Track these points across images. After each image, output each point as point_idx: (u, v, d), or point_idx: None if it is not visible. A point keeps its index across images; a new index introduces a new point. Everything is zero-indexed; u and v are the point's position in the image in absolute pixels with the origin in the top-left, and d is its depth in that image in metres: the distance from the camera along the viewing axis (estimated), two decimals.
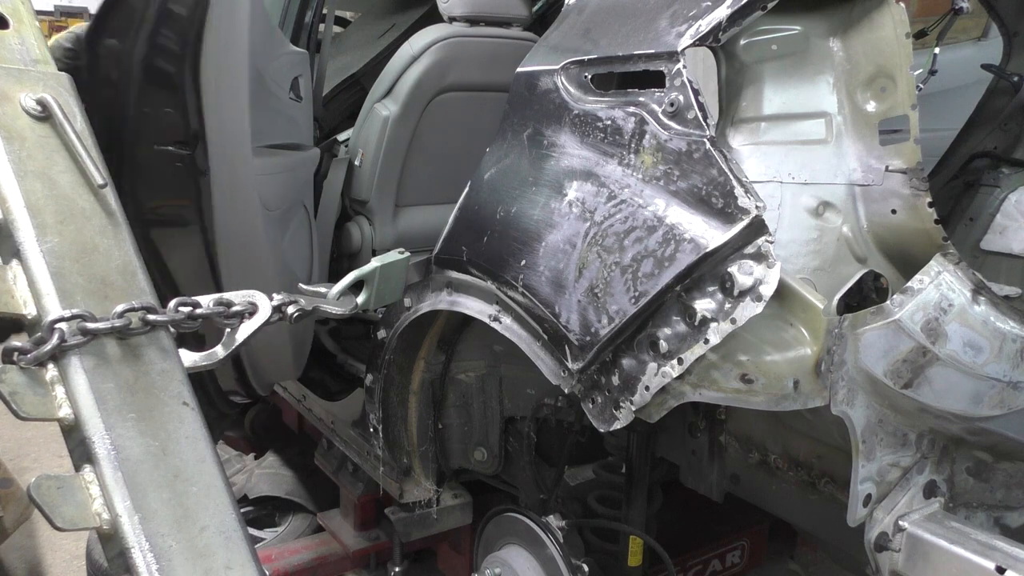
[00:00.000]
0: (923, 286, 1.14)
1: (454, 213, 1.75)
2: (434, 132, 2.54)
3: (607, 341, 1.32)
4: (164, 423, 1.07)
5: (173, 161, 1.97)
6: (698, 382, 1.24)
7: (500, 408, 2.10)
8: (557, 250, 1.43)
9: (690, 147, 1.25)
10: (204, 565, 0.97)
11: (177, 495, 1.01)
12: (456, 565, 2.65)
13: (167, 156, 1.97)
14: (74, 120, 1.28)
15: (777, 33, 1.48)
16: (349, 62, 3.77)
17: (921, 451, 1.27)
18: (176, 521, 0.99)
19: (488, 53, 2.51)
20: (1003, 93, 2.67)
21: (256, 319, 1.31)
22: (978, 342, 1.17)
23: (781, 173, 1.46)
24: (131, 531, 0.96)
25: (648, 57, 1.35)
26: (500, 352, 2.05)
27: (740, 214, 1.15)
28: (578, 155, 1.46)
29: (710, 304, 1.18)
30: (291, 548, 2.82)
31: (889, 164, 1.44)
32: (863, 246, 1.47)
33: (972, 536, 1.20)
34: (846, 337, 1.12)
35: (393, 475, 2.24)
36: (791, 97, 1.50)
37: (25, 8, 1.42)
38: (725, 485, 1.80)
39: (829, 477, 1.53)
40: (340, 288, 1.61)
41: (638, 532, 1.91)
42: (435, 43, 2.44)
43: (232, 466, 3.37)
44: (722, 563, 2.65)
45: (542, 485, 2.05)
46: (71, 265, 1.16)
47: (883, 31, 1.41)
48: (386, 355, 2.04)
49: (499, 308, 1.62)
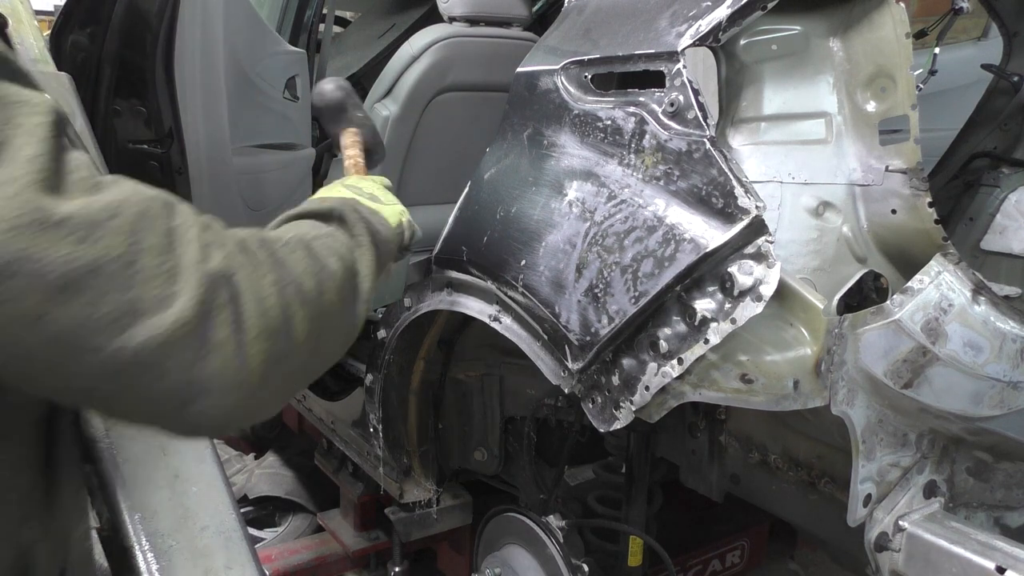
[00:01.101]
0: (923, 286, 1.14)
1: (454, 213, 1.75)
2: (434, 132, 2.53)
3: (607, 341, 1.32)
4: None
5: (147, 159, 1.96)
6: (698, 382, 1.24)
7: (500, 408, 2.10)
8: (557, 250, 1.43)
9: (690, 147, 1.25)
10: (204, 565, 0.97)
11: (177, 495, 1.01)
12: (456, 565, 2.65)
13: (141, 154, 1.96)
14: (74, 119, 1.28)
15: (777, 33, 1.48)
16: (349, 62, 3.77)
17: (921, 451, 1.27)
18: (176, 521, 0.99)
19: (488, 53, 2.50)
20: (1003, 93, 2.67)
21: None
22: (978, 342, 1.17)
23: (781, 173, 1.46)
24: (131, 531, 0.96)
25: (648, 57, 1.35)
26: (500, 352, 2.05)
27: (740, 214, 1.15)
28: (578, 155, 1.46)
29: (710, 304, 1.18)
30: (291, 548, 2.82)
31: (889, 164, 1.44)
32: (863, 246, 1.47)
33: (972, 536, 1.20)
34: (846, 337, 1.12)
35: (393, 475, 2.24)
36: (791, 97, 1.50)
37: (24, 8, 1.42)
38: (725, 485, 1.80)
39: (829, 477, 1.53)
40: None
41: (638, 532, 1.91)
42: (435, 43, 2.43)
43: (232, 466, 3.37)
44: (722, 563, 2.65)
45: (542, 485, 2.05)
46: None
47: (883, 31, 1.41)
48: (386, 355, 2.04)
49: (499, 308, 1.62)
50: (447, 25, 2.52)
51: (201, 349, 0.67)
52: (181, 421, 0.69)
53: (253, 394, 0.71)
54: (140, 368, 0.64)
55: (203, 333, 0.67)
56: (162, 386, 0.66)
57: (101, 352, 0.62)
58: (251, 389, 0.71)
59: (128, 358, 0.63)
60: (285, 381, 0.76)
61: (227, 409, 0.70)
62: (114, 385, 0.65)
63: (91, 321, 0.61)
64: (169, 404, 0.67)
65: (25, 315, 0.59)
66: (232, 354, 0.68)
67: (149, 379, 0.65)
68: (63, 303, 0.60)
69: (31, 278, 0.58)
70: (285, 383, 0.77)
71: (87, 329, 0.61)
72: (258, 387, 0.71)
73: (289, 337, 0.74)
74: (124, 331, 0.63)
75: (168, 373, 0.65)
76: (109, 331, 0.62)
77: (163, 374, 0.65)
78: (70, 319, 0.60)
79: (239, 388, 0.69)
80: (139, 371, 0.64)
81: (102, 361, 0.62)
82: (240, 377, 0.69)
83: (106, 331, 0.62)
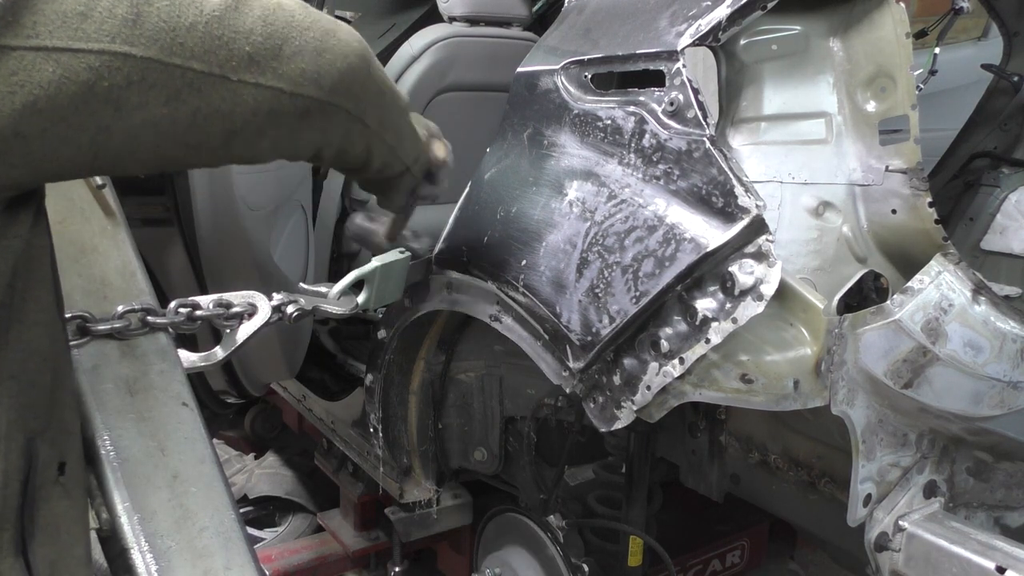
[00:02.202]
0: (923, 286, 1.14)
1: (454, 213, 1.75)
2: None
3: (608, 341, 1.32)
4: (163, 423, 1.07)
5: None
6: (699, 382, 1.24)
7: (500, 408, 2.09)
8: (558, 250, 1.43)
9: (690, 146, 1.25)
10: (203, 566, 0.97)
11: (176, 495, 1.01)
12: (456, 565, 2.65)
13: None
14: None
15: (777, 33, 1.48)
16: None
17: (921, 451, 1.27)
18: (175, 522, 0.99)
19: (488, 53, 2.50)
20: (1003, 93, 2.67)
21: (255, 320, 1.31)
22: (978, 342, 1.17)
23: (781, 173, 1.46)
24: (130, 531, 0.96)
25: (648, 56, 1.35)
26: (500, 352, 2.05)
27: (740, 213, 1.15)
28: (578, 155, 1.46)
29: (711, 304, 1.18)
30: (291, 548, 2.82)
31: (889, 164, 1.43)
32: (863, 246, 1.47)
33: (972, 536, 1.20)
34: (846, 337, 1.12)
35: (393, 475, 2.24)
36: (791, 97, 1.50)
37: None
38: (725, 485, 1.80)
39: (829, 477, 1.53)
40: (340, 288, 1.61)
41: (638, 532, 1.91)
42: (435, 43, 2.43)
43: (232, 466, 3.37)
44: (722, 563, 2.65)
45: (542, 485, 2.05)
46: (70, 265, 1.16)
47: (883, 31, 1.41)
48: (386, 355, 2.04)
49: (499, 308, 1.62)
50: (447, 25, 2.52)
51: (266, 6, 0.85)
52: (283, 70, 0.86)
53: (322, 39, 0.90)
54: (231, 31, 0.80)
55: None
56: (253, 41, 0.82)
57: (197, 27, 0.76)
58: (318, 34, 0.90)
59: (217, 24, 0.78)
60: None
61: (310, 50, 0.88)
62: (220, 55, 0.79)
63: (174, 6, 0.75)
64: (268, 55, 0.84)
65: (126, 20, 0.72)
66: (288, 11, 0.87)
67: (241, 41, 0.81)
68: (147, 2, 0.73)
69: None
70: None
71: (174, 14, 0.75)
72: (324, 34, 0.91)
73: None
74: (204, 4, 0.78)
75: (252, 31, 0.82)
76: (191, 9, 0.76)
77: (249, 32, 0.81)
78: (158, 11, 0.74)
79: (308, 30, 0.88)
80: (232, 35, 0.80)
81: (200, 35, 0.77)
82: (305, 23, 0.88)
83: (189, 9, 0.76)
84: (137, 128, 0.76)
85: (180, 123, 0.79)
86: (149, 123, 0.76)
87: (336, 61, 0.93)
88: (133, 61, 0.72)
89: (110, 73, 0.71)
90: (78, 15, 0.69)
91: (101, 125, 0.73)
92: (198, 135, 0.82)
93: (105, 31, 0.70)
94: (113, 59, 0.71)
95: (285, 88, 0.87)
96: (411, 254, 1.62)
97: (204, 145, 0.85)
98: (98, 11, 0.70)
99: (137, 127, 0.75)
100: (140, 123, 0.75)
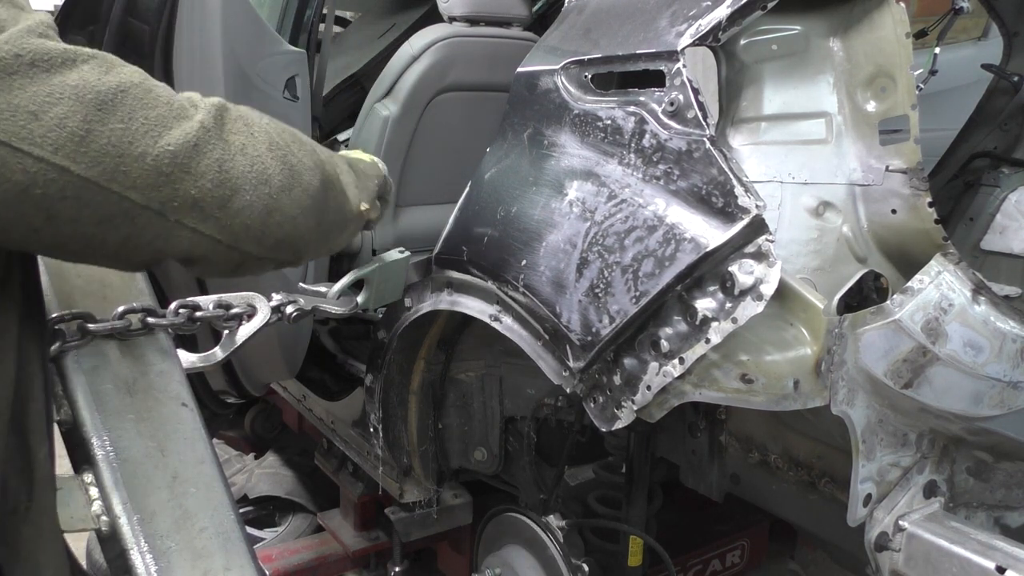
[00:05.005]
0: (923, 286, 1.14)
1: (454, 213, 1.75)
2: (434, 132, 2.53)
3: (608, 341, 1.32)
4: (163, 424, 1.07)
5: None
6: (699, 382, 1.24)
7: (500, 408, 2.09)
8: (558, 250, 1.43)
9: (690, 146, 1.25)
10: (203, 566, 0.97)
11: (176, 496, 1.01)
12: (456, 565, 2.65)
13: None
14: None
15: (777, 33, 1.48)
16: (349, 62, 3.77)
17: (921, 451, 1.27)
18: (175, 522, 0.99)
19: (488, 53, 2.50)
20: (1003, 93, 2.67)
21: (255, 321, 1.31)
22: (978, 342, 1.17)
23: (781, 173, 1.46)
24: (130, 532, 0.96)
25: (648, 56, 1.35)
26: (500, 352, 2.05)
27: (740, 213, 1.15)
28: (578, 155, 1.46)
29: (711, 303, 1.18)
30: (291, 548, 2.82)
31: (889, 164, 1.43)
32: (863, 246, 1.47)
33: (972, 536, 1.20)
34: (846, 337, 1.12)
35: (393, 475, 2.24)
36: (791, 97, 1.50)
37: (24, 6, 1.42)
38: (725, 485, 1.80)
39: (829, 477, 1.52)
40: (340, 287, 1.61)
41: (638, 532, 1.91)
42: (435, 43, 2.43)
43: (232, 466, 3.37)
44: (722, 563, 2.65)
45: (542, 485, 2.05)
46: (70, 265, 1.16)
47: (883, 31, 1.41)
48: (386, 355, 2.04)
49: (500, 308, 1.62)
50: (447, 25, 2.52)
51: (227, 151, 0.84)
52: (227, 223, 0.86)
53: (276, 196, 0.90)
54: (181, 171, 0.79)
55: (224, 136, 0.84)
56: (201, 186, 0.81)
57: (146, 158, 0.76)
58: (274, 190, 0.89)
59: (168, 160, 0.77)
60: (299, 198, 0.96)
61: (260, 207, 0.87)
62: (163, 192, 0.78)
63: (128, 133, 0.75)
64: (214, 204, 0.83)
65: (74, 134, 0.71)
66: (251, 158, 0.87)
67: (189, 183, 0.80)
68: (101, 121, 0.73)
69: (73, 102, 0.71)
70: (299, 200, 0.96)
71: (126, 140, 0.74)
72: (280, 190, 0.91)
73: (293, 164, 0.95)
74: (159, 138, 0.77)
75: (204, 175, 0.81)
76: (146, 139, 0.76)
77: (199, 175, 0.80)
78: (110, 133, 0.74)
79: (265, 184, 0.88)
80: (181, 174, 0.79)
81: (147, 168, 0.76)
82: (264, 176, 0.88)
83: (143, 139, 0.76)
84: (67, 238, 0.76)
85: (110, 245, 0.79)
86: (80, 237, 0.76)
87: (284, 224, 0.92)
88: (70, 177, 0.71)
89: (44, 183, 0.70)
90: (29, 114, 0.68)
91: (32, 227, 0.73)
92: (128, 256, 0.84)
93: (50, 140, 0.69)
94: (50, 170, 0.70)
95: (223, 240, 0.87)
96: (410, 253, 1.62)
97: (132, 263, 0.90)
98: (50, 116, 0.69)
99: (67, 236, 0.75)
100: (70, 234, 0.75)
